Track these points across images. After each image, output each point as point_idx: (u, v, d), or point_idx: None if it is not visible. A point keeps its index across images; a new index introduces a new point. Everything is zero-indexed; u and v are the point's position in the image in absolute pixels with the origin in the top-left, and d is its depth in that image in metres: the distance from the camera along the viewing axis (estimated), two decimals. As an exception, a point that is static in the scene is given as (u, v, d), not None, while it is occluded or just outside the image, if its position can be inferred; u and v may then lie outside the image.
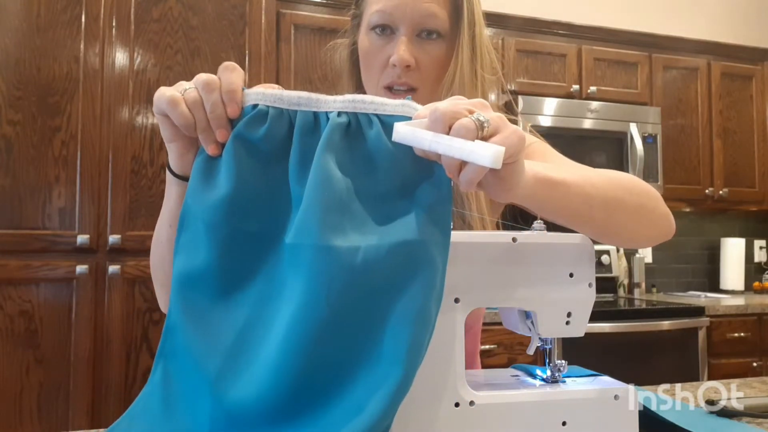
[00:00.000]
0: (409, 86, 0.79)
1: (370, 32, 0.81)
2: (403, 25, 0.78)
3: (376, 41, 0.80)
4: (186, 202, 0.56)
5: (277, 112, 0.55)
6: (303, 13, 2.32)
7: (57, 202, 1.92)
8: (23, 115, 1.91)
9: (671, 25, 3.12)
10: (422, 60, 0.78)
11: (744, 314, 2.66)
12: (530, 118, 2.59)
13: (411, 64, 0.77)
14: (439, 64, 0.80)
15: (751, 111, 3.11)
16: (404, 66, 0.77)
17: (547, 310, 0.68)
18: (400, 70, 0.78)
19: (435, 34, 0.79)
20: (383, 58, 0.79)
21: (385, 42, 0.80)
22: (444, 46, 0.80)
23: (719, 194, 2.99)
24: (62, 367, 1.90)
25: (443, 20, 0.78)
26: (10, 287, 1.87)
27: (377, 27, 0.79)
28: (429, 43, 0.79)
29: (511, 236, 0.68)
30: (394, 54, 0.77)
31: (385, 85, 0.80)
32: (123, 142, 1.99)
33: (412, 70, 0.78)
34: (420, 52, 0.78)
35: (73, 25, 1.97)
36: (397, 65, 0.77)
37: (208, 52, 2.09)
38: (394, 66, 0.78)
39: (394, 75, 0.79)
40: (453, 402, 0.65)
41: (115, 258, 1.96)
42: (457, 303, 0.65)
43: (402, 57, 0.77)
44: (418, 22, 0.78)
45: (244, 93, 0.55)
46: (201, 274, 0.54)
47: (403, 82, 0.78)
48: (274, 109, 0.55)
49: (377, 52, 0.80)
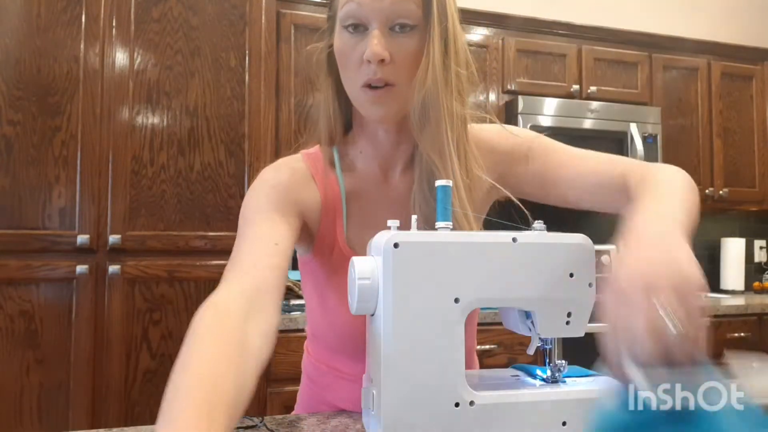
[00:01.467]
0: (385, 82, 0.77)
1: (342, 31, 0.79)
2: (375, 18, 0.76)
3: (348, 39, 0.78)
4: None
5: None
6: (303, 13, 2.32)
7: (57, 202, 1.92)
8: (23, 115, 1.91)
9: (671, 25, 3.12)
10: (397, 54, 0.77)
11: (744, 314, 2.66)
12: (530, 118, 2.59)
13: (385, 58, 0.76)
14: (414, 57, 0.78)
15: (751, 111, 3.11)
16: (378, 60, 0.75)
17: (547, 310, 0.68)
18: (375, 66, 0.76)
19: (408, 27, 0.77)
20: (357, 56, 0.78)
21: (358, 39, 0.78)
22: (417, 39, 0.78)
23: (719, 194, 2.99)
24: (62, 367, 1.90)
25: (415, 9, 0.77)
26: (10, 287, 1.87)
27: (349, 23, 0.78)
28: (402, 36, 0.77)
29: (511, 236, 0.68)
30: (367, 49, 0.76)
31: (363, 84, 0.78)
32: (123, 142, 1.99)
33: (387, 64, 0.76)
34: (394, 46, 0.77)
35: (73, 25, 1.97)
36: (372, 60, 0.75)
37: (208, 52, 2.09)
38: (368, 62, 0.76)
39: (370, 72, 0.77)
40: (453, 402, 0.65)
41: (115, 258, 1.96)
42: (457, 303, 0.65)
43: (375, 51, 0.75)
44: (390, 12, 0.76)
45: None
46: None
47: (379, 78, 0.77)
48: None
49: (351, 51, 0.78)
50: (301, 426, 0.81)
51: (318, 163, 0.88)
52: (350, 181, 0.88)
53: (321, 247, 0.86)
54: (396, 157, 0.88)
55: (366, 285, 0.65)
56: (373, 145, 0.88)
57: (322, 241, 0.85)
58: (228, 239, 2.06)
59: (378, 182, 0.88)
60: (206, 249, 2.04)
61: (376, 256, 0.67)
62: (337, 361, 0.90)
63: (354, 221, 0.86)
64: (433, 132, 0.78)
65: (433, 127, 0.78)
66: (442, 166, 0.78)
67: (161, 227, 2.01)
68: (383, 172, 0.88)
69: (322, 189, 0.85)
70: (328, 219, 0.85)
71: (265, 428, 0.77)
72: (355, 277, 0.66)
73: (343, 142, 0.90)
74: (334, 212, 0.85)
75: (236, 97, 2.11)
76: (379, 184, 0.88)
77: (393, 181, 0.88)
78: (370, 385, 0.69)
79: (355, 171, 0.89)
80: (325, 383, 0.92)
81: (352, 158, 0.89)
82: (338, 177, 0.87)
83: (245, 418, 0.78)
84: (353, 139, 0.90)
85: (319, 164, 0.88)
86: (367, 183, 0.88)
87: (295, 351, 1.83)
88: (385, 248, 0.65)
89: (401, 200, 0.86)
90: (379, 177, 0.88)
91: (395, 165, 0.88)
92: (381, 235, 0.67)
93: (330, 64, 0.86)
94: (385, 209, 0.85)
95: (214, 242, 2.05)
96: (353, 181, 0.88)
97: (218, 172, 2.08)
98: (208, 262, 2.04)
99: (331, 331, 0.86)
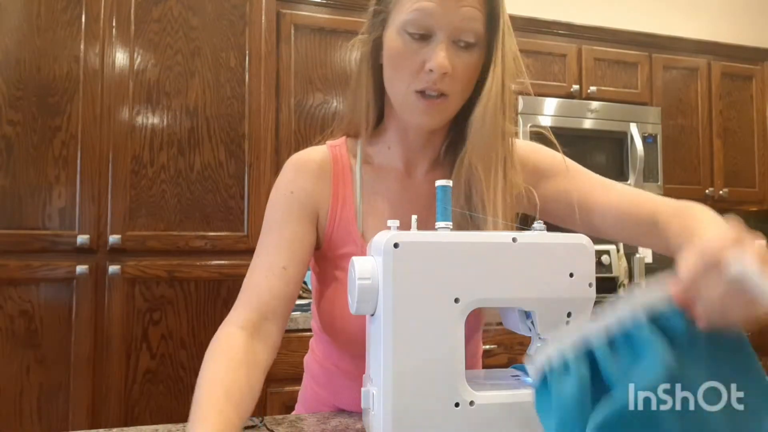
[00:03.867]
0: (441, 92, 0.78)
1: (402, 32, 0.78)
2: (442, 29, 0.76)
3: (410, 43, 0.78)
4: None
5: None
6: (303, 13, 2.32)
7: (57, 202, 1.92)
8: (23, 115, 1.91)
9: (671, 25, 3.12)
10: (458, 67, 0.78)
11: (744, 314, 2.66)
12: (530, 118, 2.59)
13: (449, 71, 0.77)
14: (471, 72, 0.79)
15: (751, 111, 3.11)
16: (442, 72, 0.76)
17: (547, 310, 0.68)
18: (437, 76, 0.77)
19: (472, 44, 0.78)
20: (417, 62, 0.78)
21: (420, 45, 0.78)
22: (477, 54, 0.79)
23: (719, 194, 2.99)
24: (62, 367, 1.90)
25: (480, 26, 0.77)
26: (10, 287, 1.87)
27: (412, 28, 0.77)
28: (464, 51, 0.78)
29: (511, 236, 0.68)
30: (432, 59, 0.76)
31: (418, 90, 0.78)
32: (123, 142, 1.99)
33: (448, 76, 0.77)
34: (456, 59, 0.77)
35: (73, 25, 1.97)
36: (435, 71, 0.76)
37: (208, 52, 2.09)
38: (430, 71, 0.76)
39: (429, 80, 0.77)
40: (453, 402, 0.65)
41: (115, 258, 1.96)
42: (457, 303, 0.65)
43: (442, 63, 0.76)
44: (458, 27, 0.76)
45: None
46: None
47: (437, 88, 0.78)
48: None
49: (411, 55, 0.78)
50: (301, 426, 0.81)
51: (341, 155, 0.89)
52: (371, 175, 0.89)
53: (330, 241, 0.86)
54: (423, 155, 0.89)
55: (366, 285, 0.65)
56: (402, 143, 0.89)
57: (330, 235, 0.86)
58: (228, 239, 2.06)
59: (401, 179, 0.89)
60: (206, 249, 2.04)
61: (376, 256, 0.67)
62: (342, 359, 0.90)
63: (371, 215, 0.86)
64: (486, 146, 0.80)
65: (486, 142, 0.80)
66: (485, 180, 0.80)
67: (161, 227, 2.01)
68: (407, 169, 0.90)
69: (335, 184, 0.86)
70: (339, 214, 0.86)
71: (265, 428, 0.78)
72: (355, 277, 0.66)
73: (371, 136, 0.91)
74: (345, 207, 0.86)
75: (236, 97, 2.11)
76: (402, 180, 0.89)
77: (417, 179, 0.89)
78: (370, 385, 0.69)
79: (379, 166, 0.90)
80: (328, 382, 0.92)
81: (378, 153, 0.90)
82: (357, 171, 0.88)
83: (245, 418, 0.78)
84: (382, 135, 0.90)
85: (342, 156, 0.89)
86: (389, 179, 0.89)
87: (296, 351, 1.83)
88: (385, 248, 0.65)
89: (423, 199, 0.87)
90: (402, 174, 0.89)
91: (421, 163, 0.89)
92: (381, 235, 0.67)
93: (374, 59, 0.86)
94: (405, 206, 0.86)
95: (214, 242, 2.05)
96: (374, 176, 0.89)
97: (218, 172, 2.08)
98: (208, 262, 2.04)
99: (339, 328, 0.86)
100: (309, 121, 2.29)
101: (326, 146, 0.90)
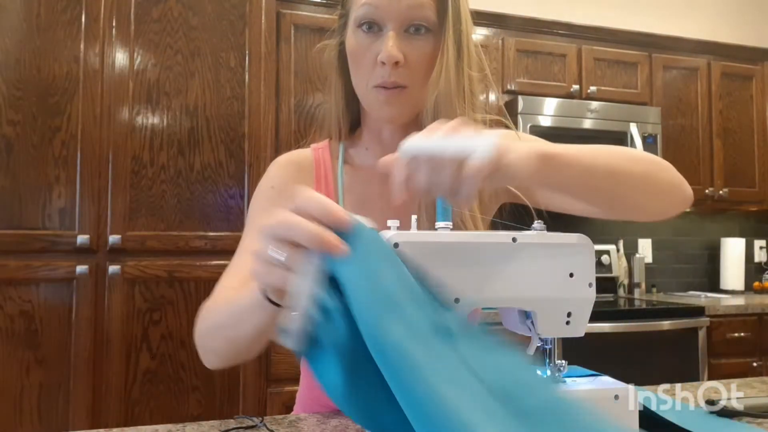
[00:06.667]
0: (397, 84, 0.77)
1: (357, 30, 0.79)
2: (391, 19, 0.76)
3: (363, 39, 0.78)
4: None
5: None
6: (303, 13, 2.32)
7: (57, 202, 1.92)
8: (23, 115, 1.91)
9: (671, 25, 3.12)
10: (411, 56, 0.77)
11: (744, 314, 2.66)
12: (530, 118, 2.59)
13: (400, 60, 0.76)
14: (427, 60, 0.78)
15: (751, 111, 3.11)
16: (393, 63, 0.76)
17: (547, 310, 0.68)
18: (390, 68, 0.76)
19: (423, 29, 0.77)
20: (371, 57, 0.78)
21: (372, 39, 0.78)
22: (431, 42, 0.78)
23: (719, 194, 2.99)
24: (62, 367, 1.90)
25: (431, 12, 0.77)
26: (10, 287, 1.87)
27: (364, 23, 0.78)
28: (417, 38, 0.77)
29: (511, 236, 0.68)
30: (382, 51, 0.76)
31: (375, 85, 0.78)
32: (123, 142, 1.99)
33: (401, 67, 0.77)
34: (408, 48, 0.77)
35: (73, 25, 1.97)
36: (386, 62, 0.76)
37: (208, 52, 2.09)
38: (383, 64, 0.76)
39: (384, 74, 0.77)
40: (453, 402, 0.64)
41: (115, 258, 1.96)
42: (457, 303, 0.65)
43: (390, 53, 0.75)
44: (406, 15, 0.76)
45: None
46: None
47: (392, 81, 0.77)
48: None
49: (365, 51, 0.78)
50: (301, 426, 0.81)
51: (324, 157, 0.89)
52: (352, 176, 0.89)
53: None
54: None
55: (366, 285, 0.65)
56: (378, 143, 0.88)
57: None
58: (228, 239, 2.05)
59: (381, 180, 0.89)
60: (206, 249, 2.04)
61: (375, 256, 0.67)
62: None
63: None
64: None
65: None
66: None
67: (161, 227, 2.01)
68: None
69: (317, 184, 0.87)
70: None
71: (265, 428, 0.77)
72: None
73: (350, 139, 0.91)
74: None
75: (236, 97, 2.11)
76: (381, 181, 0.89)
77: None
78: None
79: (359, 167, 0.90)
80: None
81: (357, 155, 0.90)
82: (339, 172, 0.88)
83: (245, 418, 0.78)
84: (360, 137, 0.91)
85: (324, 158, 0.89)
86: (369, 180, 0.89)
87: (295, 351, 1.82)
88: (385, 248, 0.64)
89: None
90: (381, 175, 0.89)
91: None
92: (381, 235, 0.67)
93: (340, 62, 0.86)
94: (385, 207, 0.85)
95: (214, 242, 2.05)
96: (355, 177, 0.89)
97: (218, 172, 2.08)
98: (208, 262, 2.04)
99: None
100: (309, 121, 2.29)
101: (310, 149, 0.91)
